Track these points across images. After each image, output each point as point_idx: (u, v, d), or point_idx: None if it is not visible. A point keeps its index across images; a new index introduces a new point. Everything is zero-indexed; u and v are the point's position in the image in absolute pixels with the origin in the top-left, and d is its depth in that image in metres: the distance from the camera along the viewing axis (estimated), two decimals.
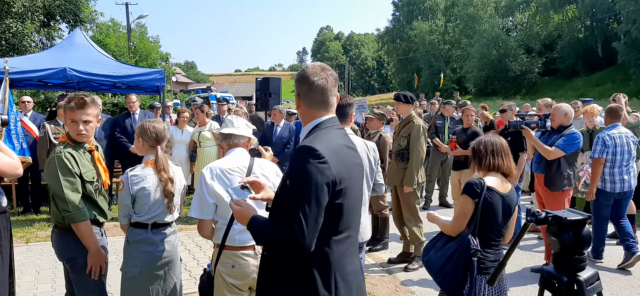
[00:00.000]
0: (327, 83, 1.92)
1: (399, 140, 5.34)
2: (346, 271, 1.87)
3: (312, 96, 1.93)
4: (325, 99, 1.93)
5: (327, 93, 1.93)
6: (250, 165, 2.76)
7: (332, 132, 1.90)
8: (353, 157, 1.95)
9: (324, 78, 1.92)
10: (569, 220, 2.09)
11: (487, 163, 2.90)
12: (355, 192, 1.92)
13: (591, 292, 2.18)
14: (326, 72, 1.95)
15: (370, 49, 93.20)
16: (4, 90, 6.13)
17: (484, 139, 2.99)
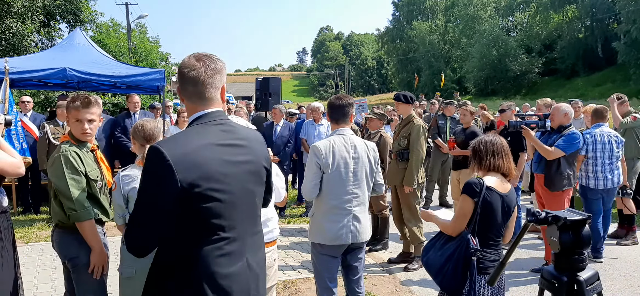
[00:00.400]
0: (199, 74, 1.79)
1: (399, 140, 5.35)
2: (220, 275, 1.73)
3: (186, 88, 1.82)
4: (200, 91, 1.81)
5: (200, 86, 1.80)
6: None
7: (203, 128, 1.77)
8: (229, 155, 1.77)
9: (196, 70, 1.79)
10: (569, 220, 2.09)
11: (487, 164, 2.90)
12: (231, 192, 1.75)
13: (591, 292, 2.18)
14: (202, 62, 1.82)
15: (370, 49, 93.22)
16: (4, 90, 6.14)
17: (484, 139, 2.98)
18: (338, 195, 3.18)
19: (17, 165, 2.74)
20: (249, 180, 1.84)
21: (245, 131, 1.91)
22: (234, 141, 1.82)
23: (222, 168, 1.73)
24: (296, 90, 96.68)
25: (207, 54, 1.89)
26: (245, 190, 1.82)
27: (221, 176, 1.72)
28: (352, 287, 3.38)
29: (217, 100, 1.86)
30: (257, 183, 1.90)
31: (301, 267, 5.26)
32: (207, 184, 1.68)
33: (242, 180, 1.80)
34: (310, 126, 7.86)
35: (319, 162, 3.14)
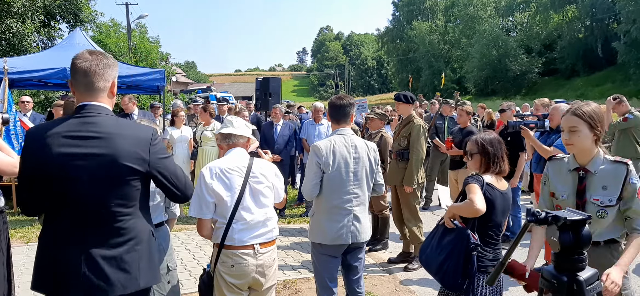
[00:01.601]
0: (90, 67, 1.94)
1: (399, 140, 5.35)
2: (48, 256, 1.95)
3: (75, 78, 1.97)
4: (88, 82, 1.95)
5: (90, 77, 1.94)
6: (250, 165, 2.77)
7: (71, 119, 1.93)
8: (78, 148, 1.88)
9: (88, 62, 1.94)
10: (569, 220, 2.09)
11: (496, 167, 2.86)
12: (66, 180, 1.89)
13: (591, 292, 2.17)
14: (94, 56, 1.97)
15: (370, 49, 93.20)
16: (3, 90, 6.14)
17: (494, 139, 2.93)
18: (338, 195, 3.18)
19: (14, 164, 2.74)
20: (95, 174, 1.89)
21: (112, 127, 1.95)
22: (95, 134, 1.91)
23: (60, 159, 1.86)
24: (296, 90, 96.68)
25: (101, 51, 2.07)
26: (87, 180, 1.89)
27: (63, 165, 1.86)
28: (352, 287, 3.38)
29: (102, 93, 1.99)
30: (107, 177, 1.91)
31: (301, 267, 5.26)
32: (52, 169, 1.86)
33: (85, 171, 1.88)
34: (311, 126, 7.86)
35: (320, 161, 3.14)
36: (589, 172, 2.36)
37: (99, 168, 1.89)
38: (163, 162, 2.06)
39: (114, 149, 1.91)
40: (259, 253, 2.72)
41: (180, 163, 7.11)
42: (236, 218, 2.67)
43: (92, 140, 1.89)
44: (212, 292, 2.78)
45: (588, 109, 2.36)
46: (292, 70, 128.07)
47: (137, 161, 1.95)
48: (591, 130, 2.32)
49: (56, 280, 1.91)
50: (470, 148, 2.97)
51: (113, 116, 2.00)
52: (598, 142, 2.36)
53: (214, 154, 7.33)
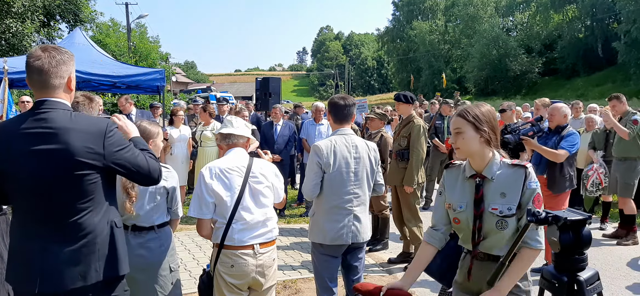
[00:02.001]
0: (43, 64, 1.96)
1: (399, 140, 5.34)
2: (11, 247, 2.03)
3: (31, 77, 1.99)
4: (43, 80, 1.97)
5: (44, 75, 1.97)
6: (249, 164, 2.77)
7: (28, 115, 1.96)
8: (30, 144, 1.91)
9: (41, 60, 1.97)
10: (569, 220, 2.09)
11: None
12: (20, 175, 1.93)
13: (591, 292, 2.17)
14: (47, 53, 1.99)
15: (370, 49, 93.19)
16: (3, 90, 6.13)
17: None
18: (339, 195, 3.18)
19: None
20: (46, 170, 1.91)
21: (66, 122, 1.96)
22: (41, 129, 1.92)
23: (14, 155, 1.90)
24: (296, 90, 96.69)
25: (54, 46, 2.06)
26: (39, 176, 1.91)
27: (11, 162, 1.90)
28: (352, 287, 3.38)
29: (58, 89, 2.01)
30: (59, 173, 1.93)
31: (301, 267, 5.26)
32: (5, 166, 1.91)
33: (37, 168, 1.91)
34: (311, 126, 7.86)
35: (320, 161, 3.14)
36: (485, 178, 2.12)
37: (50, 164, 1.91)
38: (120, 153, 2.05)
39: (65, 144, 1.92)
40: (259, 253, 2.71)
41: (179, 163, 7.10)
42: (236, 218, 2.67)
43: (44, 136, 1.92)
44: (212, 292, 2.78)
45: (475, 111, 2.16)
46: (292, 70, 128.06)
47: (90, 155, 1.96)
48: (477, 131, 2.11)
49: (18, 271, 1.98)
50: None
51: (69, 111, 2.01)
52: (490, 144, 2.13)
53: (214, 154, 7.32)
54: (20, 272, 1.98)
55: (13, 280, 2.03)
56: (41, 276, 1.93)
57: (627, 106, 6.28)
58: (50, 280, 1.94)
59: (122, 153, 2.06)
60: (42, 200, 1.94)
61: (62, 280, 1.95)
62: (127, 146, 2.10)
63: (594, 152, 6.60)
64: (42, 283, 1.93)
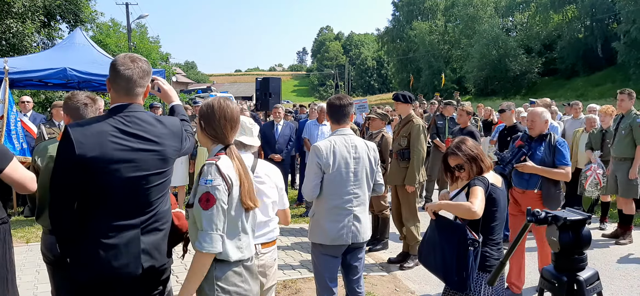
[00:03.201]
0: (133, 74, 2.11)
1: (399, 140, 5.35)
2: (105, 245, 2.06)
3: (118, 83, 2.12)
4: (129, 88, 2.13)
5: (131, 84, 2.12)
6: (254, 165, 2.77)
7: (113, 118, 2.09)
8: (127, 142, 2.05)
9: (131, 70, 2.11)
10: (569, 220, 2.09)
11: (485, 165, 2.90)
12: (119, 174, 2.03)
13: (591, 292, 2.18)
14: (135, 64, 2.13)
15: (370, 49, 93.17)
16: (3, 90, 6.14)
17: (470, 142, 2.97)
18: (339, 195, 3.18)
19: (33, 178, 2.84)
20: (142, 166, 2.08)
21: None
22: (137, 131, 2.08)
23: (120, 154, 2.02)
24: (296, 90, 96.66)
25: (139, 56, 2.21)
26: (135, 175, 2.06)
27: (113, 158, 2.01)
28: (352, 287, 3.38)
29: (138, 96, 2.18)
30: (155, 168, 2.13)
31: (301, 267, 5.26)
32: (104, 164, 1.99)
33: (135, 165, 2.06)
34: (313, 126, 7.87)
35: (320, 162, 3.14)
36: None
37: (149, 159, 2.18)
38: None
39: (159, 144, 2.21)
40: (260, 254, 2.72)
41: (179, 163, 7.11)
42: None
43: (138, 138, 2.14)
44: None
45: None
46: (292, 70, 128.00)
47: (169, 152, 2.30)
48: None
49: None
50: (456, 162, 2.93)
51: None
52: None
53: None
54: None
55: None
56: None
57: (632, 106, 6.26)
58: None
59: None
60: (131, 197, 2.10)
61: None
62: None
63: (591, 152, 6.61)
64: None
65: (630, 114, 6.08)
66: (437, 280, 4.86)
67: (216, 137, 2.22)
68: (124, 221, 2.07)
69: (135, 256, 2.09)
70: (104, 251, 2.04)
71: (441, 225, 2.88)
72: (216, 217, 2.05)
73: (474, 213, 2.66)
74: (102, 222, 2.05)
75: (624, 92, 6.23)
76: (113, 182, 2.02)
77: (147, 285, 2.20)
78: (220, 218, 2.06)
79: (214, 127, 2.21)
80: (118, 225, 2.06)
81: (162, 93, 2.53)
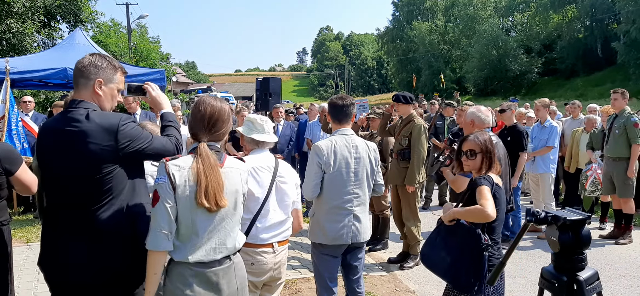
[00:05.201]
0: (77, 64, 2.17)
1: (399, 140, 5.36)
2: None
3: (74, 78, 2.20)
4: (73, 78, 2.20)
5: (75, 72, 2.17)
6: (276, 165, 2.83)
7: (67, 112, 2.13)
8: (53, 141, 2.10)
9: (82, 60, 2.18)
10: (569, 220, 2.10)
11: (496, 165, 2.86)
12: (47, 173, 2.14)
13: (591, 292, 2.19)
14: (86, 58, 2.18)
15: (370, 49, 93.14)
16: (5, 90, 6.14)
17: (490, 138, 2.91)
18: (339, 195, 3.19)
19: (36, 181, 2.87)
20: (62, 165, 2.09)
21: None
22: (62, 126, 2.10)
23: (45, 150, 2.13)
24: (296, 90, 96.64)
25: (103, 54, 2.30)
26: (58, 173, 2.11)
27: (46, 152, 2.12)
28: (352, 287, 3.39)
29: (86, 90, 2.17)
30: (77, 170, 2.09)
31: (301, 267, 5.27)
32: (43, 156, 2.16)
33: (56, 164, 2.10)
34: (316, 126, 7.87)
35: (321, 161, 3.15)
36: None
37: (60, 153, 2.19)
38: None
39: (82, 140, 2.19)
40: (277, 251, 2.79)
41: None
42: (261, 215, 2.72)
43: (62, 131, 2.19)
44: None
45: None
46: (292, 70, 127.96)
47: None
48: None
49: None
50: (472, 147, 2.86)
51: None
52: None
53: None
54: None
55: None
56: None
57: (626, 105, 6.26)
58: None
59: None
60: (60, 188, 2.16)
61: None
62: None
63: (592, 152, 6.62)
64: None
65: (624, 113, 6.08)
66: (438, 280, 4.86)
67: (193, 135, 2.18)
68: (56, 222, 2.14)
69: (63, 263, 2.10)
70: (43, 250, 2.18)
71: (453, 229, 2.80)
72: (159, 215, 1.97)
73: (489, 215, 2.59)
74: (46, 221, 2.20)
75: (617, 91, 6.25)
76: (45, 179, 2.14)
77: (81, 291, 2.11)
78: (164, 217, 1.96)
79: (191, 125, 2.20)
80: (52, 224, 2.16)
81: (150, 100, 2.42)
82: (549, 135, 6.36)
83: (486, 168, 2.83)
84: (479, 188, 2.71)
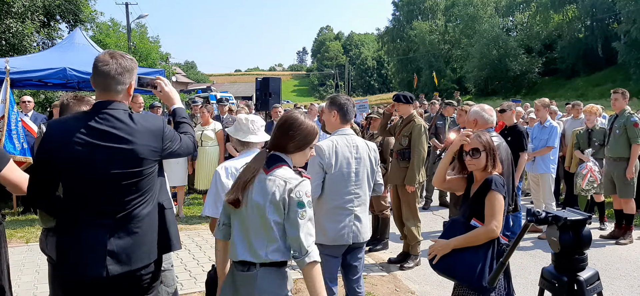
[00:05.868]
0: (110, 70, 2.09)
1: (400, 140, 5.35)
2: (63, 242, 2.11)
3: (94, 79, 2.13)
4: (106, 83, 2.10)
5: (108, 79, 2.10)
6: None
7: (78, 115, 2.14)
8: (97, 139, 2.04)
9: (109, 65, 2.10)
10: (569, 220, 2.09)
11: (498, 164, 2.81)
12: (83, 172, 2.04)
13: (591, 292, 2.18)
14: (114, 60, 2.11)
15: (370, 49, 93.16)
16: (4, 90, 6.13)
17: (490, 136, 2.87)
18: (340, 195, 3.18)
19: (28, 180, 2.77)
20: (107, 165, 2.05)
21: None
22: (106, 128, 2.05)
23: (81, 153, 2.01)
24: (296, 90, 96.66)
25: (121, 53, 2.18)
26: (99, 173, 2.04)
27: (78, 158, 2.01)
28: (352, 287, 3.38)
29: (118, 93, 2.14)
30: (124, 167, 2.08)
31: None
32: (68, 163, 2.01)
33: (99, 163, 2.03)
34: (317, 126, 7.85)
35: (322, 162, 3.14)
36: None
37: (96, 160, 2.08)
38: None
39: (132, 143, 2.13)
40: None
41: (175, 163, 7.10)
42: None
43: (109, 135, 2.14)
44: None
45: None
46: (292, 70, 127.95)
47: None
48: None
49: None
50: (475, 145, 2.79)
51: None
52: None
53: (215, 153, 7.33)
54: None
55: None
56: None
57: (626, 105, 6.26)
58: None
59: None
60: (90, 193, 2.10)
61: None
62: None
63: (581, 153, 6.61)
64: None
65: (624, 113, 6.08)
66: (438, 280, 4.87)
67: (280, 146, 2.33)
68: (89, 220, 2.05)
69: (100, 257, 2.03)
70: (70, 250, 2.07)
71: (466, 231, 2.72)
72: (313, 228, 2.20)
73: (494, 234, 2.57)
74: (71, 220, 2.08)
75: (617, 91, 6.25)
76: (76, 179, 2.03)
77: (116, 291, 2.11)
78: (312, 229, 2.22)
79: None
80: (84, 223, 2.06)
81: (163, 95, 2.47)
82: (549, 135, 6.36)
83: (491, 167, 2.77)
84: (495, 196, 2.64)
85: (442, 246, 2.70)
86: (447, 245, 2.69)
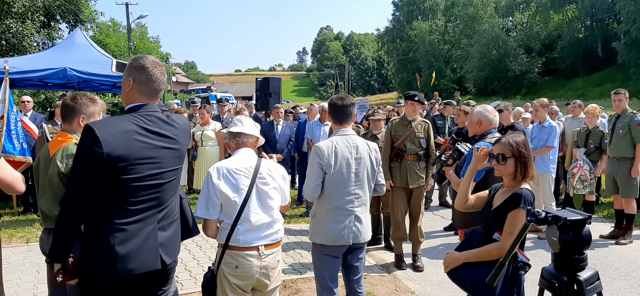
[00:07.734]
0: (163, 77, 2.27)
1: (416, 142, 5.28)
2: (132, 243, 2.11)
3: (147, 86, 2.23)
4: (158, 89, 2.26)
5: (161, 85, 2.27)
6: (258, 165, 2.78)
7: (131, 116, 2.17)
8: (153, 140, 2.16)
9: (161, 73, 2.26)
10: (569, 220, 2.09)
11: (529, 172, 2.56)
12: (148, 171, 2.13)
13: (591, 292, 2.18)
14: (160, 69, 2.28)
15: (370, 49, 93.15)
16: (4, 90, 6.13)
17: (525, 140, 2.64)
18: (340, 195, 3.18)
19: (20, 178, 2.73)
20: (162, 164, 2.20)
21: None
22: (158, 129, 2.19)
23: (143, 152, 2.10)
24: (296, 90, 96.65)
25: (160, 62, 2.36)
26: (155, 172, 2.17)
27: (140, 157, 2.09)
28: (352, 287, 3.38)
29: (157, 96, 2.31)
30: (172, 165, 2.28)
31: (301, 267, 5.26)
32: (131, 161, 2.05)
33: (156, 162, 2.17)
34: (316, 126, 7.87)
35: (322, 162, 3.14)
36: None
37: (160, 158, 2.28)
38: None
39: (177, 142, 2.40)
40: (264, 255, 2.71)
41: None
42: (241, 219, 2.67)
43: (160, 136, 2.30)
44: (215, 291, 2.78)
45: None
46: (292, 70, 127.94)
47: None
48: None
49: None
50: (501, 150, 2.59)
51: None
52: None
53: (215, 153, 7.33)
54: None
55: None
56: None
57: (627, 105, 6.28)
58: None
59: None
60: (158, 192, 2.23)
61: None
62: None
63: (577, 150, 6.65)
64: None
65: (627, 113, 6.10)
66: (438, 280, 4.87)
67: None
68: (143, 217, 2.15)
69: (154, 250, 2.18)
70: (124, 248, 2.07)
71: (485, 244, 2.58)
72: None
73: (499, 255, 2.35)
74: (123, 219, 2.09)
75: (619, 92, 6.28)
76: (136, 179, 2.09)
77: (163, 279, 2.32)
78: None
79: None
80: (138, 220, 2.13)
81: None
82: (548, 135, 6.37)
83: (521, 176, 2.55)
84: (520, 215, 2.43)
85: (454, 260, 2.62)
86: (458, 258, 2.60)
